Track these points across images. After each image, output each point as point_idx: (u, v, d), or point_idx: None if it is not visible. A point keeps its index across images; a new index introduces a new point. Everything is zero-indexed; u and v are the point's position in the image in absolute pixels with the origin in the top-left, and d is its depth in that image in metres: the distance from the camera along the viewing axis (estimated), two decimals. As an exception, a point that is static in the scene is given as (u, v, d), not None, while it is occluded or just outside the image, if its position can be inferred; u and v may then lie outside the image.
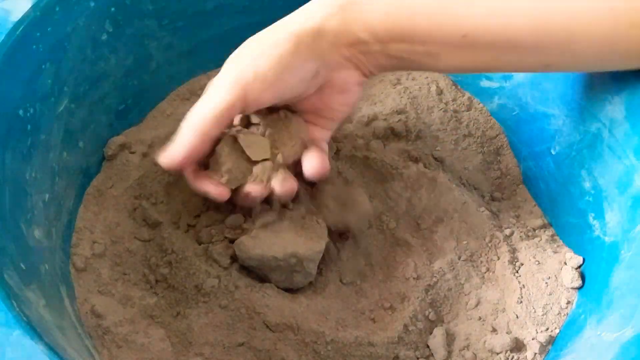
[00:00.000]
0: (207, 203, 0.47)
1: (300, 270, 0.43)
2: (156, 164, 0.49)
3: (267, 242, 0.42)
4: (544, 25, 0.37)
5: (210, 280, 0.43)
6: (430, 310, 0.44)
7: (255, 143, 0.41)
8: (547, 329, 0.43)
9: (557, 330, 0.43)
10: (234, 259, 0.44)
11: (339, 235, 0.46)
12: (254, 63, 0.38)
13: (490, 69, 0.44)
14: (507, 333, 0.43)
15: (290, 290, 0.44)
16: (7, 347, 0.29)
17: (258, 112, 0.43)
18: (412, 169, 0.48)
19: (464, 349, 0.42)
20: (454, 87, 0.55)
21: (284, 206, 0.44)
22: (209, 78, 0.55)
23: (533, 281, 0.44)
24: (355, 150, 0.50)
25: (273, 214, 0.44)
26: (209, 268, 0.44)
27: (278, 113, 0.43)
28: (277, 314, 0.42)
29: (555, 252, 0.46)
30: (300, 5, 0.40)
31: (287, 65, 0.38)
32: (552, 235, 0.48)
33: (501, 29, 0.38)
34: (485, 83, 0.54)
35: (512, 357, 0.42)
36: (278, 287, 0.44)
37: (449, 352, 0.42)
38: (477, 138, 0.52)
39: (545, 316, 0.43)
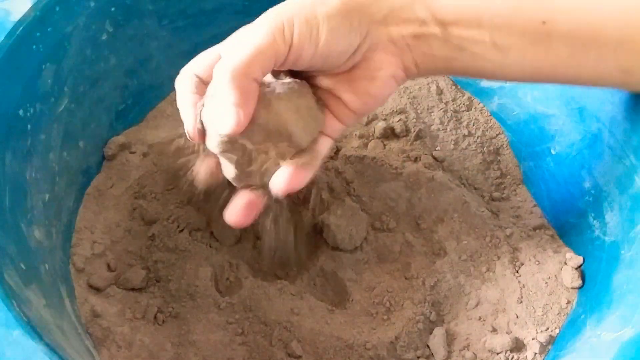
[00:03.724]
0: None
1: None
2: (156, 164, 0.49)
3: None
4: (635, 18, 0.33)
5: (210, 280, 0.43)
6: (430, 310, 0.44)
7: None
8: (547, 329, 0.43)
9: (557, 330, 0.43)
10: (234, 258, 0.44)
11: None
12: (305, 11, 0.33)
13: (557, 74, 0.37)
14: (507, 333, 0.43)
15: (291, 290, 0.44)
16: (7, 347, 0.29)
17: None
18: (411, 169, 0.48)
19: (464, 349, 0.42)
20: (454, 87, 0.55)
21: None
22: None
23: (533, 281, 0.44)
24: (355, 150, 0.50)
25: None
26: (209, 268, 0.44)
27: (294, 81, 0.36)
28: (278, 313, 0.42)
29: (555, 252, 0.46)
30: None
31: (336, 28, 0.33)
32: (552, 235, 0.48)
33: (586, 18, 0.34)
34: (485, 83, 0.54)
35: (512, 357, 0.42)
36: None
37: (449, 352, 0.42)
38: (477, 138, 0.52)
39: (545, 316, 0.43)
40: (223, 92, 0.32)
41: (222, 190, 0.40)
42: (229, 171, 0.36)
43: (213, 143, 0.34)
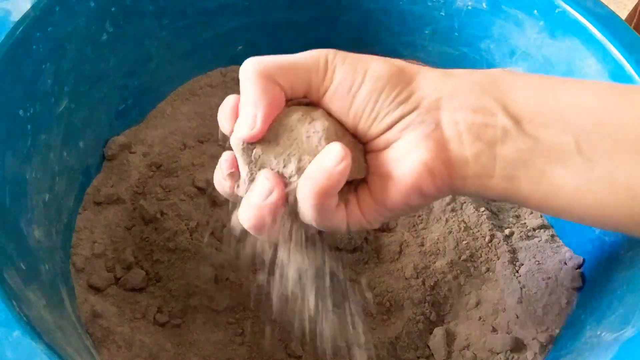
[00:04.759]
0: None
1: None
2: (152, 165, 0.49)
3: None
4: None
5: (210, 280, 0.43)
6: (430, 310, 0.44)
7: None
8: (547, 329, 0.43)
9: (557, 330, 0.43)
10: (234, 258, 0.44)
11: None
12: (356, 58, 0.31)
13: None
14: (507, 333, 0.43)
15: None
16: (7, 347, 0.29)
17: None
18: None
19: (464, 349, 0.42)
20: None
21: None
22: (209, 78, 0.55)
23: (533, 281, 0.44)
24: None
25: None
26: (209, 268, 0.44)
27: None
28: (278, 313, 0.42)
29: (555, 252, 0.46)
30: (300, 9, 0.39)
31: (379, 89, 0.30)
32: (552, 235, 0.48)
33: None
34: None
35: (512, 357, 0.42)
36: None
37: (449, 352, 0.42)
38: (477, 138, 0.52)
39: (545, 316, 0.43)
40: (242, 91, 0.30)
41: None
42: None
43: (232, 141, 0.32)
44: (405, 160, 0.29)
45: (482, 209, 0.47)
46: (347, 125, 0.31)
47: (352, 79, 0.30)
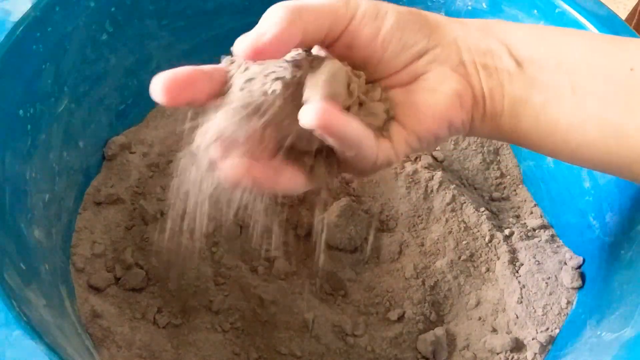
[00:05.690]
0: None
1: None
2: (151, 165, 0.49)
3: None
4: None
5: (210, 280, 0.43)
6: (430, 310, 0.44)
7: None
8: (547, 329, 0.43)
9: (557, 330, 0.43)
10: (234, 258, 0.44)
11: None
12: (376, 0, 0.31)
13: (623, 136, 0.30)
14: (507, 333, 0.43)
15: (291, 290, 0.44)
16: (7, 347, 0.29)
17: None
18: (411, 169, 0.48)
19: (464, 349, 0.42)
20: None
21: None
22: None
23: (533, 281, 0.44)
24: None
25: None
26: (209, 268, 0.44)
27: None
28: (278, 313, 0.42)
29: (555, 252, 0.46)
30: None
31: (403, 21, 0.30)
32: (552, 235, 0.48)
33: None
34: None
35: (512, 357, 0.42)
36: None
37: (449, 352, 0.42)
38: (477, 138, 0.52)
39: (545, 316, 0.43)
40: (261, 19, 0.29)
41: None
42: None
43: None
44: (439, 90, 0.31)
45: (482, 209, 0.47)
46: (372, 54, 0.31)
47: (377, 9, 0.30)
